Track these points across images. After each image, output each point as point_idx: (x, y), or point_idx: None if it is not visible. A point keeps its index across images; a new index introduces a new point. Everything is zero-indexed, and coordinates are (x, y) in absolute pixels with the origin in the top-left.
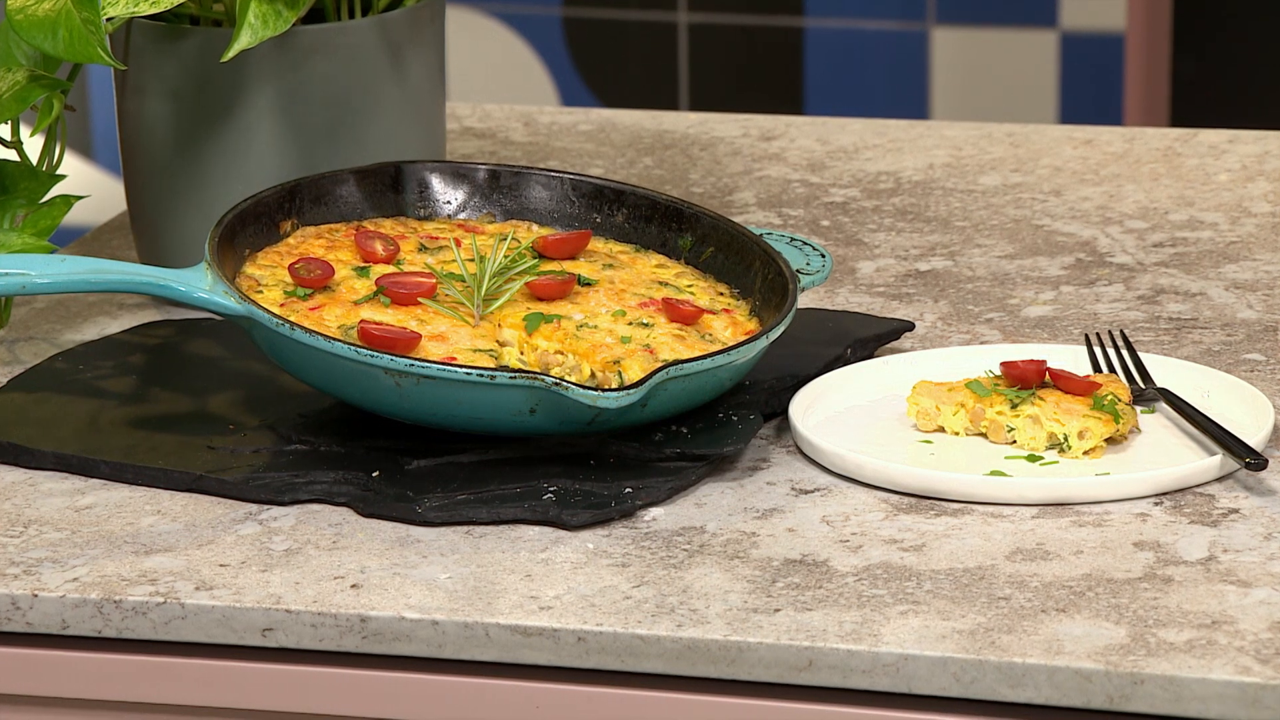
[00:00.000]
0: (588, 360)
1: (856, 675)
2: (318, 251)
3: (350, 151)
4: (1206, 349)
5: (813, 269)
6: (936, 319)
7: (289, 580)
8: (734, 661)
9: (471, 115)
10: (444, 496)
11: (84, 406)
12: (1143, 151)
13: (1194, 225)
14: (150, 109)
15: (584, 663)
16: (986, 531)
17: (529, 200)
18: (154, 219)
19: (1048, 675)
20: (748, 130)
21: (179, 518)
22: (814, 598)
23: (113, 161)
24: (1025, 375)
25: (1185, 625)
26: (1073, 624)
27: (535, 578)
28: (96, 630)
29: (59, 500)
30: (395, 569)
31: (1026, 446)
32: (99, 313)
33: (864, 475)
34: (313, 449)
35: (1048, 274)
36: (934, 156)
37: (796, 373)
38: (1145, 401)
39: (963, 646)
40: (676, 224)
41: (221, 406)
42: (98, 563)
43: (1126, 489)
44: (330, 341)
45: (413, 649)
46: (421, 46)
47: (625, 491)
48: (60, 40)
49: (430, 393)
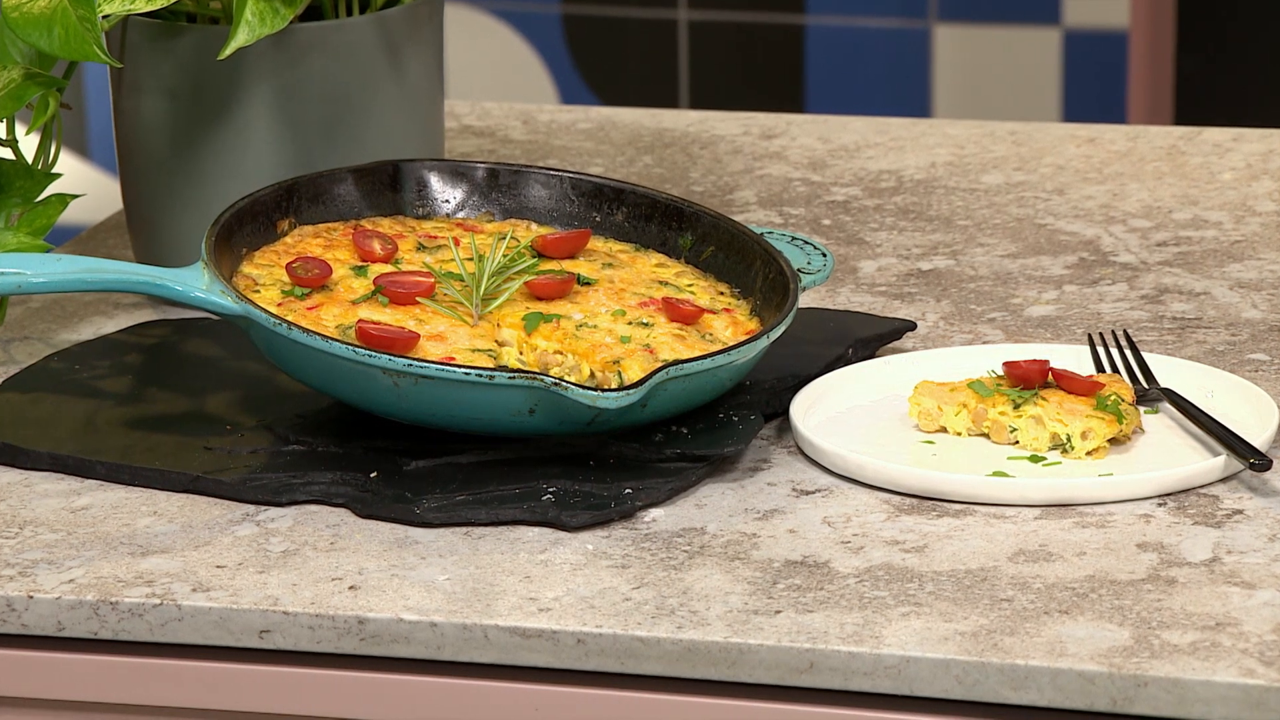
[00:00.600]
0: (587, 360)
1: (858, 677)
2: (315, 251)
3: (348, 150)
4: (1210, 349)
5: (814, 268)
6: (938, 318)
7: (286, 582)
8: (734, 663)
9: (470, 113)
10: (442, 497)
11: (80, 407)
12: (1146, 150)
13: (1198, 224)
14: (146, 107)
15: (583, 665)
16: (989, 533)
17: (528, 199)
18: (150, 218)
19: (1051, 677)
20: (748, 128)
21: (175, 519)
22: (815, 599)
23: (109, 160)
24: (1028, 375)
25: (1189, 627)
26: (1076, 626)
27: (534, 579)
28: (92, 632)
29: (54, 501)
30: (393, 570)
31: (1029, 447)
32: (95, 312)
33: (865, 476)
34: (310, 449)
35: (1050, 273)
36: (936, 155)
37: (797, 373)
38: (1149, 402)
39: (965, 648)
40: (677, 223)
41: (218, 407)
42: (93, 564)
43: (1130, 490)
44: (328, 341)
45: (411, 651)
46: (420, 44)
47: (625, 492)
48: (56, 38)
49: (429, 393)
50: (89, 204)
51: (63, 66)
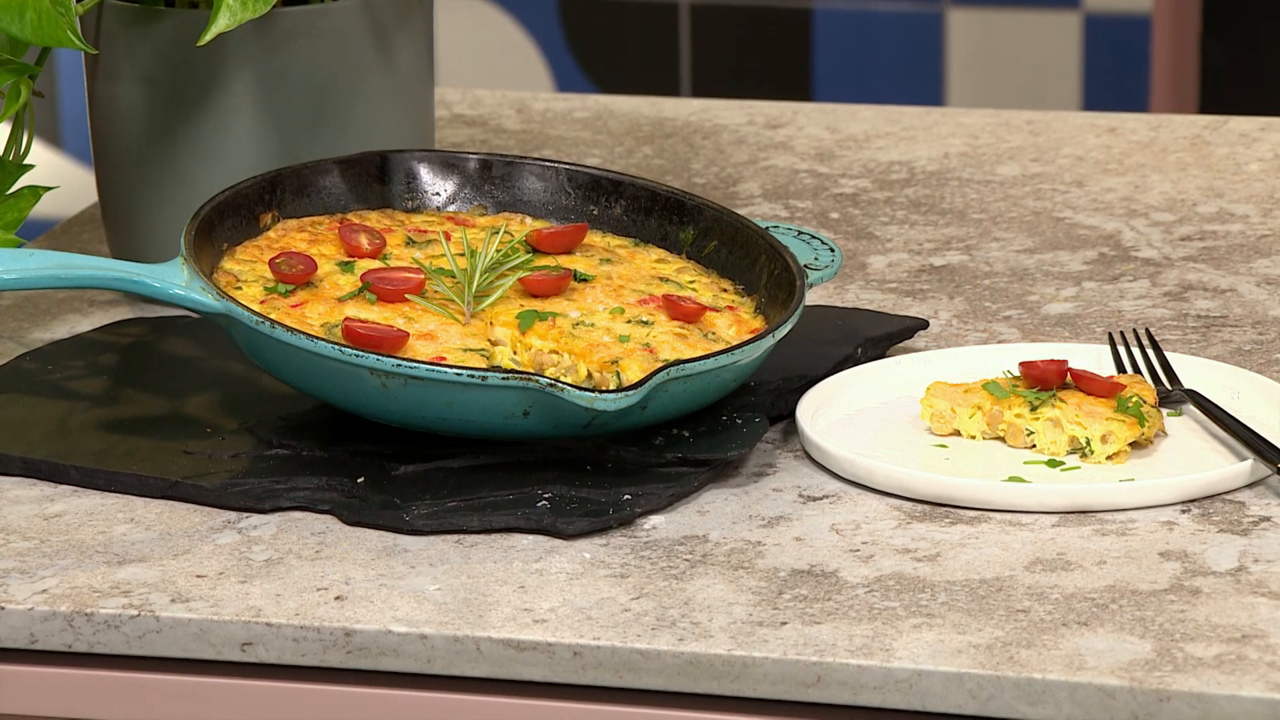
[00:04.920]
0: (584, 360)
1: (867, 692)
2: (300, 246)
3: (334, 140)
4: (1236, 348)
5: (821, 264)
6: (952, 316)
7: (269, 592)
8: (738, 677)
9: (462, 102)
10: (433, 504)
11: (53, 409)
12: (1169, 140)
13: (1223, 218)
14: (123, 95)
15: (580, 679)
16: (1004, 541)
17: (522, 191)
18: (127, 211)
19: (1069, 692)
20: (753, 117)
21: (153, 526)
22: (823, 610)
23: (83, 151)
24: (1045, 376)
25: (1214, 639)
26: (1095, 638)
27: (529, 589)
28: (67, 645)
29: (27, 508)
30: (381, 580)
31: (1047, 451)
32: (69, 310)
33: (875, 481)
34: (295, 453)
35: (1069, 269)
36: (949, 145)
37: (804, 373)
38: (1172, 403)
39: (979, 662)
40: (678, 216)
41: (198, 409)
42: (68, 573)
43: (1152, 496)
44: (313, 340)
45: (400, 664)
46: (409, 29)
47: (624, 498)
48: (28, 23)
49: (418, 394)
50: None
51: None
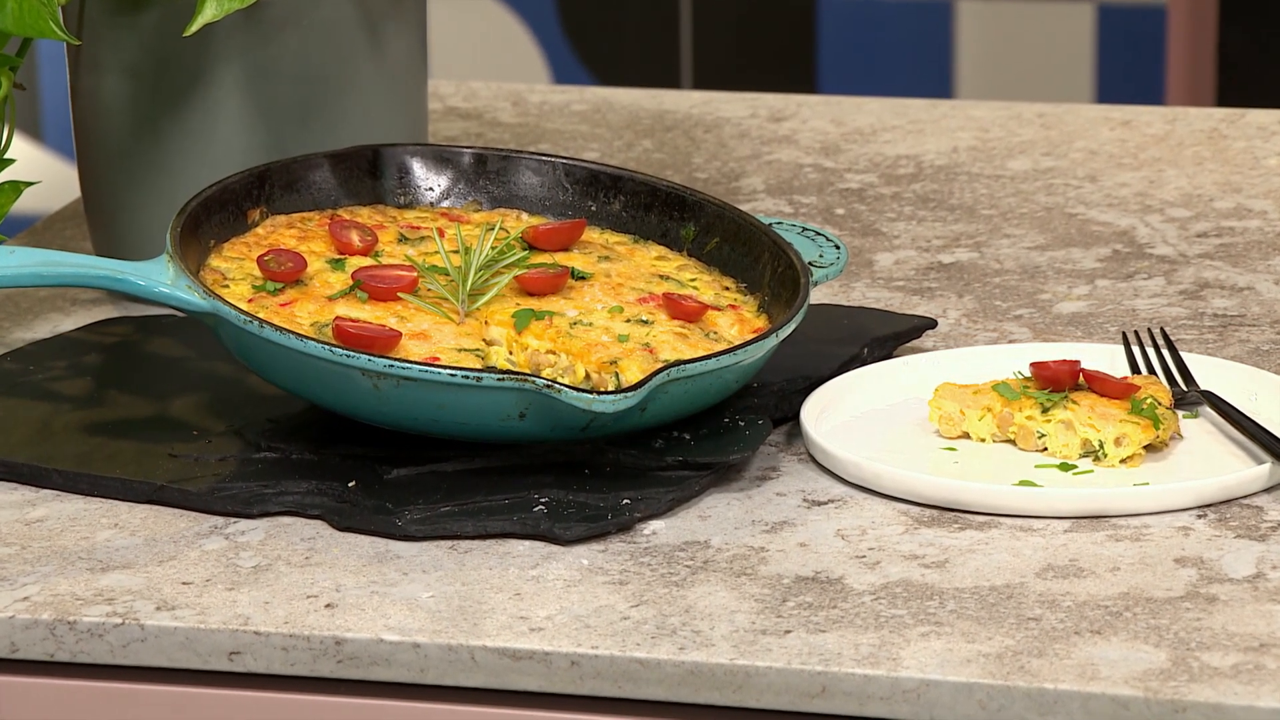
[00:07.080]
0: (582, 360)
1: (874, 702)
2: (289, 243)
3: (324, 134)
4: (1254, 348)
5: (826, 261)
6: (961, 315)
7: (258, 599)
8: (741, 687)
9: (456, 94)
10: (426, 508)
11: (35, 411)
12: (1186, 133)
13: (1241, 214)
14: (107, 88)
15: (578, 689)
16: (1015, 546)
17: (518, 187)
18: (111, 207)
19: (1081, 703)
20: (756, 110)
21: (138, 531)
22: (828, 618)
23: (65, 144)
24: (1057, 377)
25: (1231, 648)
26: (1109, 647)
27: (525, 596)
28: (49, 654)
29: (7, 513)
30: (373, 587)
31: (1058, 454)
32: (51, 309)
33: (882, 485)
34: (284, 457)
35: (1082, 267)
36: (958, 139)
37: (809, 374)
38: (1187, 405)
39: (989, 671)
40: (678, 213)
41: (184, 411)
42: (50, 580)
43: (1167, 500)
44: (303, 340)
45: (392, 674)
46: (401, 19)
47: (623, 503)
48: (9, 13)
49: (411, 396)
50: (43, 192)
51: (16, 44)
